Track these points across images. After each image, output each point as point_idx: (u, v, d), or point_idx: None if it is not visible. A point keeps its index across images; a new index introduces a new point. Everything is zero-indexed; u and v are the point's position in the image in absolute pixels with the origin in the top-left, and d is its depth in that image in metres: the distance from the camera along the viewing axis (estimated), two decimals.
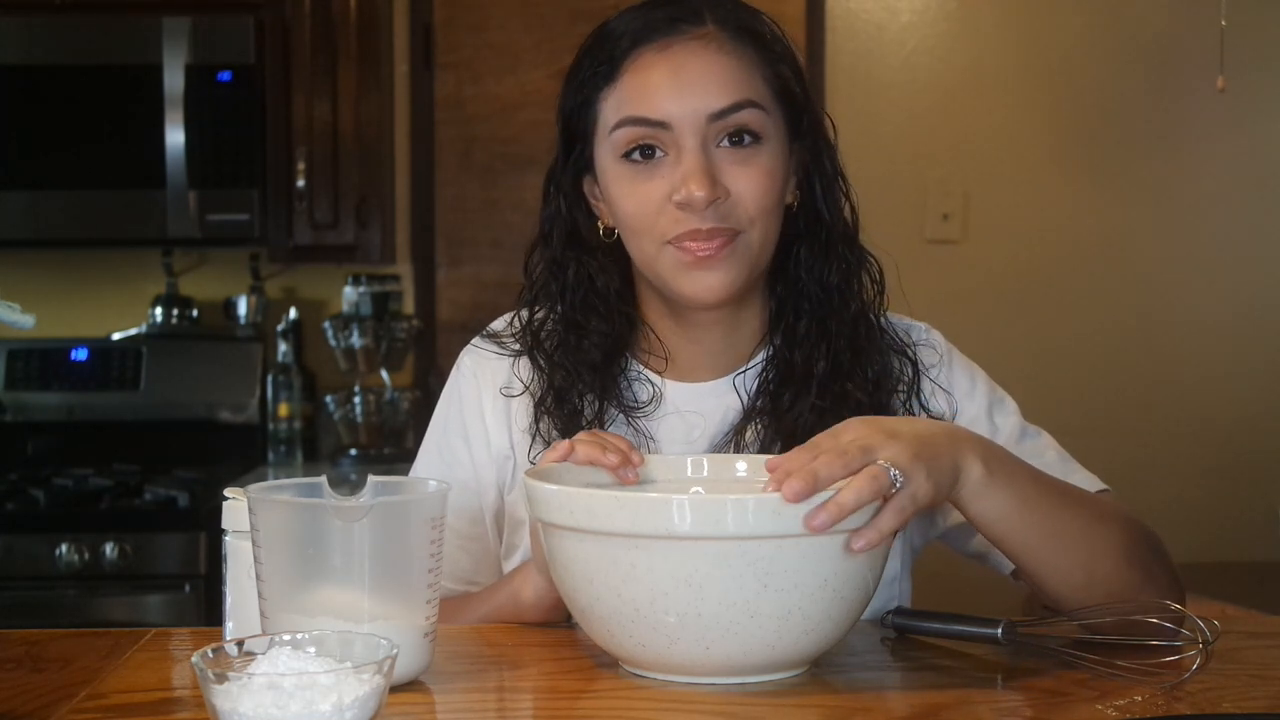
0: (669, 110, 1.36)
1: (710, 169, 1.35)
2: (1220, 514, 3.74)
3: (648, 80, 1.37)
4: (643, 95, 1.37)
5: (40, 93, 3.21)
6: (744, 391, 1.46)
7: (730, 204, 1.36)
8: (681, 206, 1.35)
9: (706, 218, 1.35)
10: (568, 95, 1.44)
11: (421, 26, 3.63)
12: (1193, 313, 3.84)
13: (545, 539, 1.17)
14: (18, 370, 3.45)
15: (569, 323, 1.47)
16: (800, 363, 1.43)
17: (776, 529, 1.07)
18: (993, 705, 1.11)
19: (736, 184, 1.36)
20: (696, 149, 1.35)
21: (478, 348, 1.53)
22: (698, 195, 1.34)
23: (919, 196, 3.78)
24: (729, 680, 1.13)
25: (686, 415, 1.46)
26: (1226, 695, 1.12)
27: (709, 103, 1.35)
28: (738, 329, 1.47)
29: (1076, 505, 1.27)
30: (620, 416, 1.45)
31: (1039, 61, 3.81)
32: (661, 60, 1.37)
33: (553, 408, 1.44)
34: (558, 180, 1.47)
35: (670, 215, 1.36)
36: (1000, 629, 1.22)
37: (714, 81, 1.36)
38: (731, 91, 1.36)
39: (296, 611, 1.11)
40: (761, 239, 1.39)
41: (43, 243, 3.39)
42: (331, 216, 3.31)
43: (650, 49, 1.37)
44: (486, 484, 1.49)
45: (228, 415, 3.48)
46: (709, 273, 1.37)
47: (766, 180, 1.38)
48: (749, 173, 1.37)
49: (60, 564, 2.94)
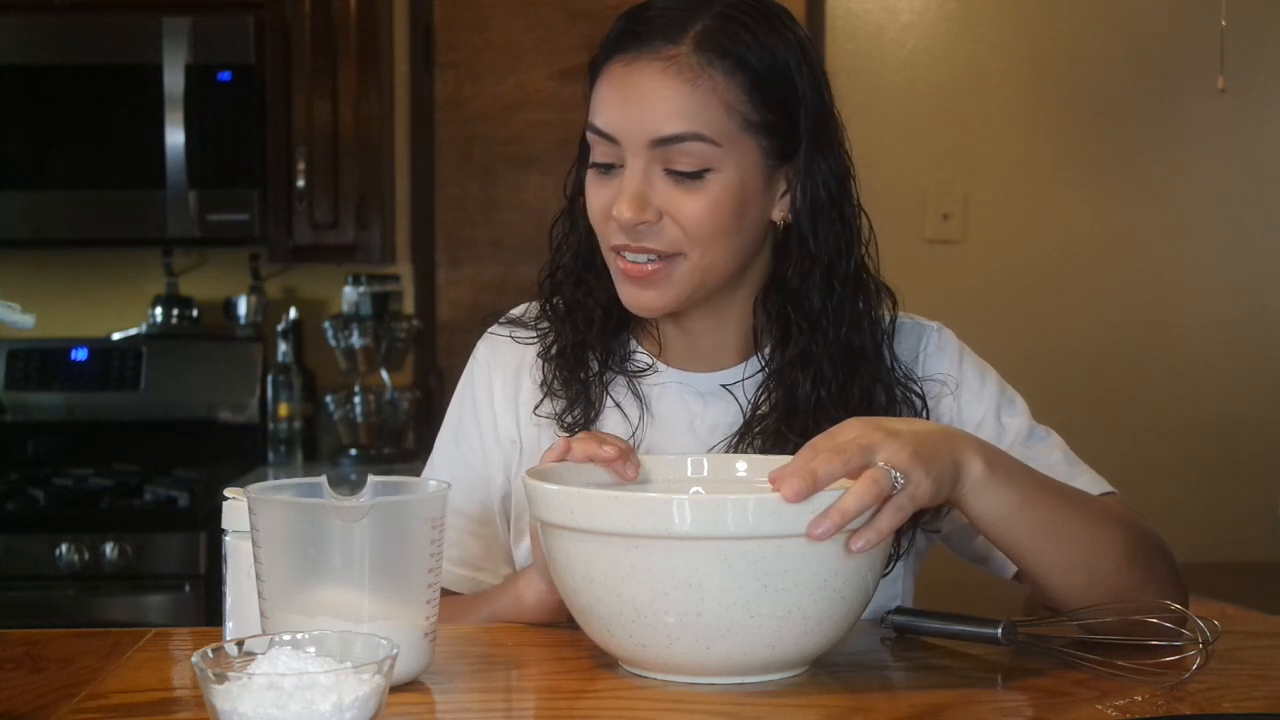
0: (616, 126, 1.36)
1: (643, 192, 1.35)
2: (1220, 514, 3.75)
3: (605, 93, 1.37)
4: (599, 106, 1.38)
5: (40, 93, 3.21)
6: (743, 399, 1.46)
7: (664, 227, 1.36)
8: (615, 221, 1.37)
9: (636, 236, 1.36)
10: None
11: (421, 26, 3.63)
12: (1193, 312, 3.84)
13: (545, 539, 1.17)
14: (18, 370, 3.45)
15: (579, 280, 1.49)
16: (801, 386, 1.42)
17: (776, 529, 1.07)
18: (993, 705, 1.11)
19: (674, 209, 1.36)
20: (637, 170, 1.35)
21: (493, 334, 1.56)
22: (625, 216, 1.35)
23: (919, 196, 3.78)
24: (729, 680, 1.13)
25: (685, 397, 1.48)
26: (1226, 695, 1.12)
27: (653, 127, 1.34)
28: (723, 327, 1.47)
29: (1077, 505, 1.27)
30: (621, 379, 1.48)
31: (1039, 61, 3.81)
32: (622, 75, 1.36)
33: (558, 361, 1.48)
34: (578, 171, 1.49)
35: (612, 226, 1.38)
36: (1000, 629, 1.22)
37: (663, 108, 1.34)
38: (679, 121, 1.33)
39: (296, 611, 1.11)
40: (707, 261, 1.38)
41: (43, 243, 3.39)
42: (331, 216, 3.31)
43: (619, 61, 1.37)
44: (495, 469, 1.51)
45: (228, 415, 3.48)
46: (642, 290, 1.39)
47: (708, 209, 1.35)
48: (690, 200, 1.35)
49: (60, 564, 2.94)
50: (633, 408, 1.47)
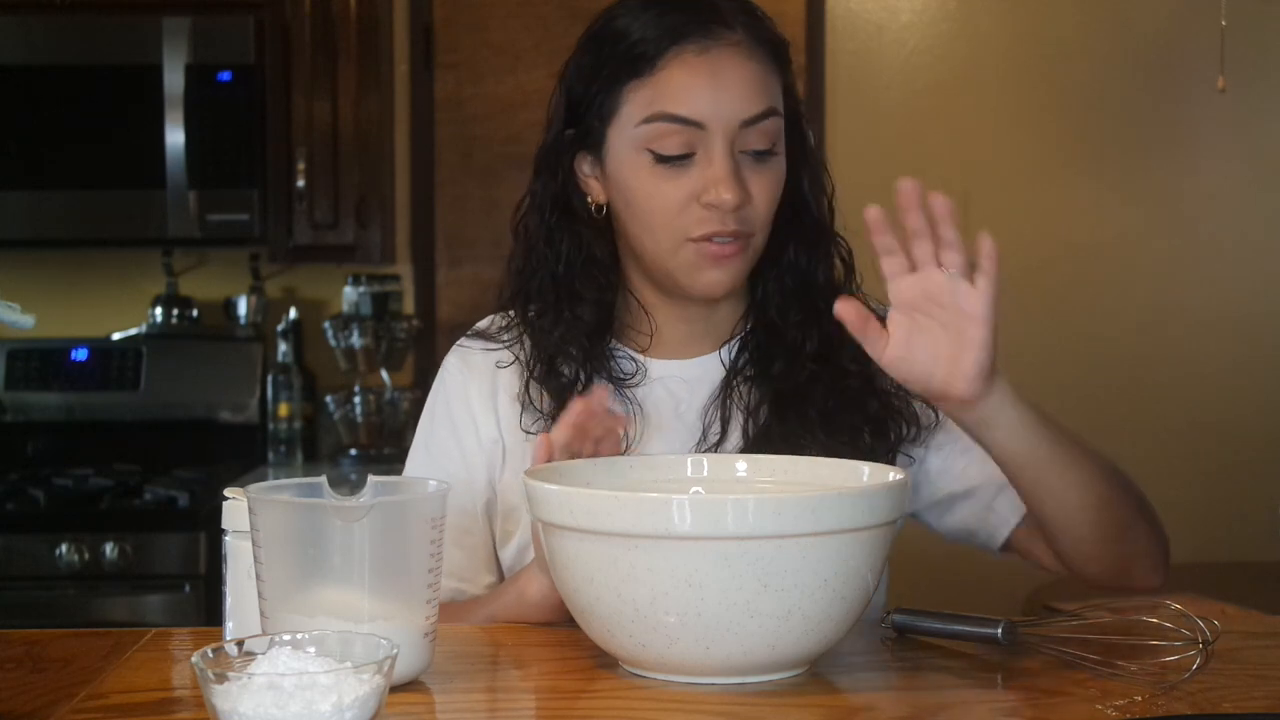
0: (705, 112, 1.39)
1: (740, 173, 1.40)
2: (1220, 514, 3.74)
3: (687, 81, 1.40)
4: (680, 94, 1.40)
5: (40, 93, 3.21)
6: (727, 360, 1.51)
7: (750, 209, 1.41)
8: (709, 208, 1.40)
9: (730, 220, 1.40)
10: (579, 78, 1.47)
11: (421, 26, 3.63)
12: (1193, 312, 3.83)
13: (545, 539, 1.17)
14: (18, 370, 3.45)
15: (562, 289, 1.50)
16: (786, 330, 1.48)
17: (776, 529, 1.07)
18: (993, 705, 1.11)
19: (755, 191, 1.42)
20: (726, 153, 1.40)
21: (463, 346, 1.58)
22: (728, 199, 1.38)
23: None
24: (729, 680, 1.13)
25: (672, 388, 1.50)
26: (1226, 695, 1.12)
27: (742, 109, 1.40)
28: (720, 308, 1.52)
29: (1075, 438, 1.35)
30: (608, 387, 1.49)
31: (1039, 61, 3.81)
32: (701, 63, 1.40)
33: (542, 376, 1.48)
34: (556, 154, 1.50)
35: (695, 215, 1.40)
36: (1000, 629, 1.22)
37: (748, 88, 1.40)
38: (761, 99, 1.41)
39: (296, 611, 1.11)
40: (763, 242, 1.45)
41: (43, 243, 3.39)
42: (331, 216, 3.31)
43: (689, 49, 1.40)
44: (476, 474, 1.51)
45: (228, 415, 3.48)
46: (722, 271, 1.43)
47: (777, 189, 1.44)
48: (765, 181, 1.42)
49: (60, 564, 2.94)
50: (620, 408, 1.48)
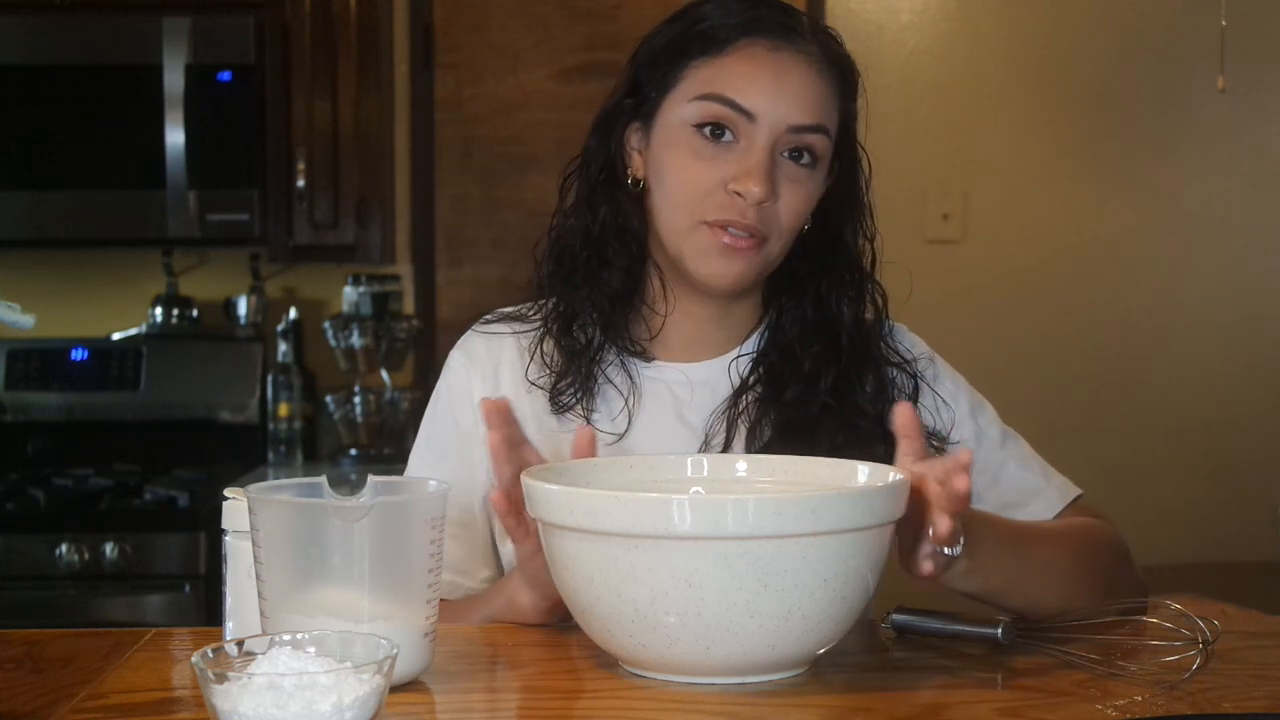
0: (759, 105, 1.41)
1: (774, 172, 1.42)
2: (1220, 514, 3.74)
3: (750, 70, 1.42)
4: (742, 81, 1.42)
5: (40, 93, 3.21)
6: (737, 375, 1.51)
7: (772, 211, 1.43)
8: (734, 196, 1.41)
9: (750, 214, 1.41)
10: (652, 48, 1.49)
11: (421, 26, 3.63)
12: (1193, 312, 3.83)
13: (545, 539, 1.17)
14: (18, 370, 3.45)
15: (593, 251, 1.51)
16: (803, 359, 1.48)
17: (776, 529, 1.07)
18: (993, 705, 1.11)
19: (783, 194, 1.43)
20: (766, 149, 1.42)
21: (475, 332, 1.58)
22: (755, 191, 1.40)
23: (919, 196, 3.78)
24: (729, 680, 1.13)
25: (674, 387, 1.51)
26: (1226, 695, 1.12)
27: (795, 114, 1.42)
28: (730, 315, 1.52)
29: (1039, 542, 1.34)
30: (617, 361, 1.51)
31: (1039, 61, 3.81)
32: (770, 59, 1.43)
33: (558, 334, 1.51)
34: (612, 119, 1.52)
35: (719, 199, 1.42)
36: (1000, 629, 1.22)
37: (806, 97, 1.43)
38: (816, 112, 1.43)
39: (296, 611, 1.11)
40: (779, 252, 1.46)
41: (43, 243, 3.39)
42: (331, 216, 3.31)
43: (762, 43, 1.43)
44: (479, 466, 1.51)
45: (228, 415, 3.48)
46: (729, 263, 1.43)
47: (806, 202, 1.45)
48: (796, 190, 1.44)
49: (60, 564, 2.94)
50: (625, 386, 1.50)
